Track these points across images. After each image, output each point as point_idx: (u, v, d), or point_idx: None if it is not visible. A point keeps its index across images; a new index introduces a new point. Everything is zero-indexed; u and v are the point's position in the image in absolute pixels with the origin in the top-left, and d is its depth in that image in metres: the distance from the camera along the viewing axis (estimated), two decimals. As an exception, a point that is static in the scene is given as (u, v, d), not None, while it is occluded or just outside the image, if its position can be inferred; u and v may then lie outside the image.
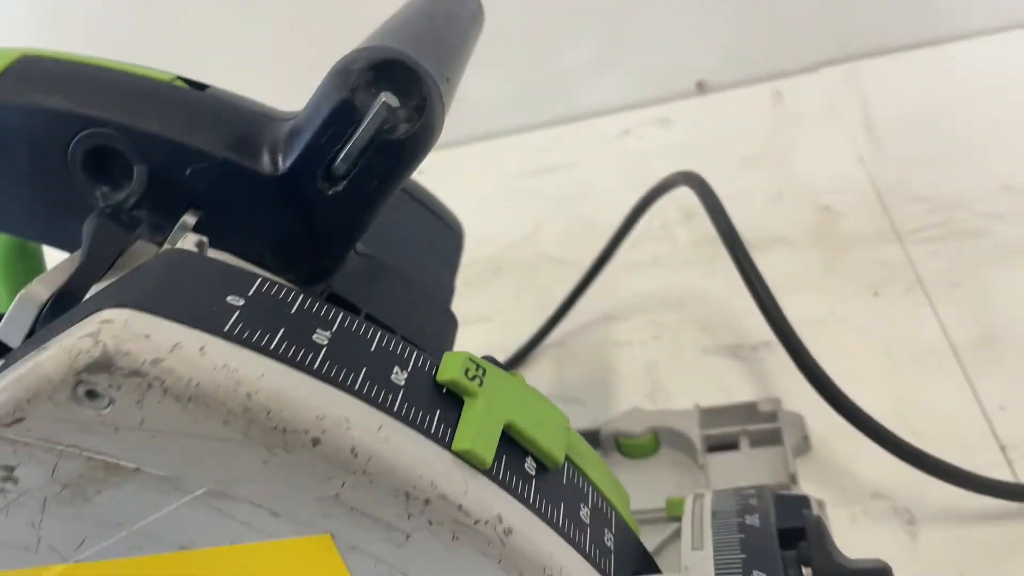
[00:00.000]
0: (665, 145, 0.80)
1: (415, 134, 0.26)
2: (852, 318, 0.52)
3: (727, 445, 0.42)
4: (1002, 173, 0.61)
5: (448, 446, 0.22)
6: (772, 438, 0.42)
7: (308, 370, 0.21)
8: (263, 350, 0.21)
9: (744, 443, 0.42)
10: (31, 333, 0.26)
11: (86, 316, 0.21)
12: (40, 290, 0.25)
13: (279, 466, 0.21)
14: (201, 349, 0.20)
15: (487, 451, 0.22)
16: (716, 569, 0.25)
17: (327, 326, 0.23)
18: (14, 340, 0.26)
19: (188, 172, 0.26)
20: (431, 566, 0.22)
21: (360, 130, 0.25)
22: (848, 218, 0.62)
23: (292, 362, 0.21)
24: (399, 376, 0.23)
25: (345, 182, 0.26)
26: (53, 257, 0.30)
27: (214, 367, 0.20)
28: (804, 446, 0.42)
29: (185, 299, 0.21)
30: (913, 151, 0.67)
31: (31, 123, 0.26)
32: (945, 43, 0.78)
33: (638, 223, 0.54)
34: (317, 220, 0.27)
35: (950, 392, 0.45)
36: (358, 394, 0.22)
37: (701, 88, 0.88)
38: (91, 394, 0.20)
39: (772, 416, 0.42)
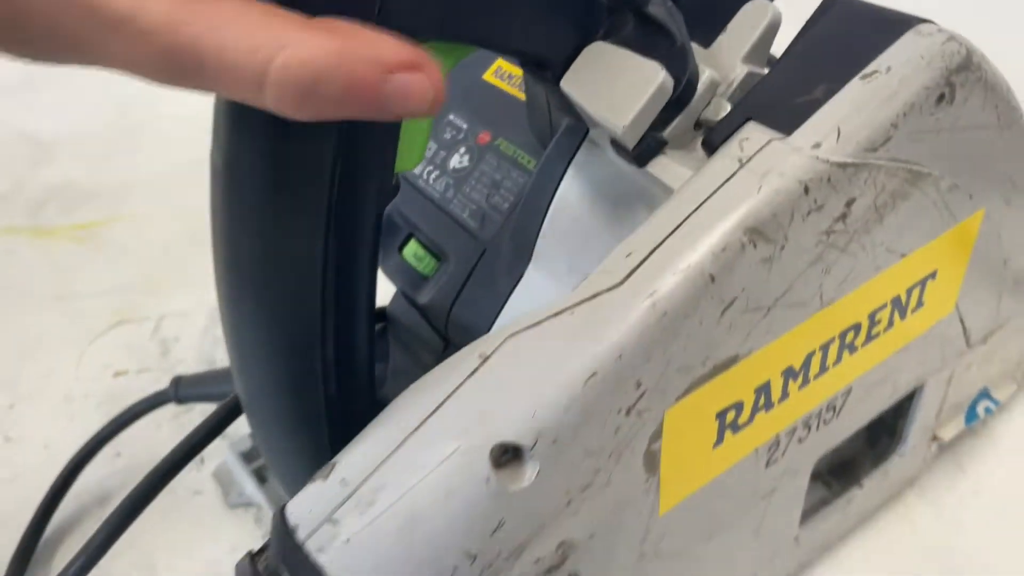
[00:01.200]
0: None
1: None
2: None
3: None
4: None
5: None
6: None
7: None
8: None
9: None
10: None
11: (883, 37, 0.23)
12: (668, 81, 0.24)
13: (1008, 141, 0.26)
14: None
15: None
16: None
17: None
18: (635, 133, 0.24)
19: None
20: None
21: None
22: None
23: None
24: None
25: None
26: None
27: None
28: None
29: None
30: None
31: None
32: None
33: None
34: None
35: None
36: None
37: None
38: (940, 98, 0.23)
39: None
